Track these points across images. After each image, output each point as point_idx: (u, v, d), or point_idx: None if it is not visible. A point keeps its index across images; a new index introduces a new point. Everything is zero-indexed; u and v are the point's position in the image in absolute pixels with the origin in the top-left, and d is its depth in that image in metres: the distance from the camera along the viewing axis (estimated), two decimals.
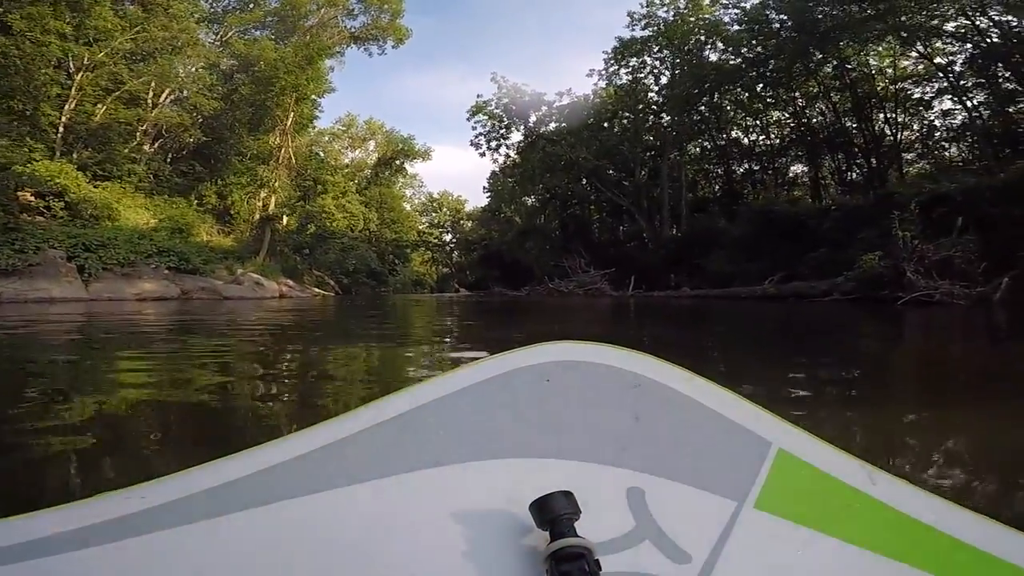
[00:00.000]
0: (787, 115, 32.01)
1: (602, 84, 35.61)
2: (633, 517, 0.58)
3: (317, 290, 28.95)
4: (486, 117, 38.11)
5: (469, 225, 58.13)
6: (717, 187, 36.81)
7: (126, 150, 26.47)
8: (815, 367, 3.98)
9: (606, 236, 39.46)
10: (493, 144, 38.62)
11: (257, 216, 28.43)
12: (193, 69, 29.30)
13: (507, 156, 39.67)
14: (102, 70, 25.14)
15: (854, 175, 29.94)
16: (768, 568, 0.56)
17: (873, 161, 27.88)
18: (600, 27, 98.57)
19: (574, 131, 35.85)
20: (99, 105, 25.49)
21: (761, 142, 33.90)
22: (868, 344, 6.12)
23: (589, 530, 0.52)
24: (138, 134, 27.53)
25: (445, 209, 61.90)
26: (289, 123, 28.19)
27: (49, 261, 16.69)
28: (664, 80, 33.49)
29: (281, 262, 27.34)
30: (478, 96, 38.14)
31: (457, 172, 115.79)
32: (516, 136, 38.75)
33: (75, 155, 24.21)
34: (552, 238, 37.06)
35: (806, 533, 0.58)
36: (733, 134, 34.81)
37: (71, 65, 24.46)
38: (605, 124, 36.64)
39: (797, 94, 30.10)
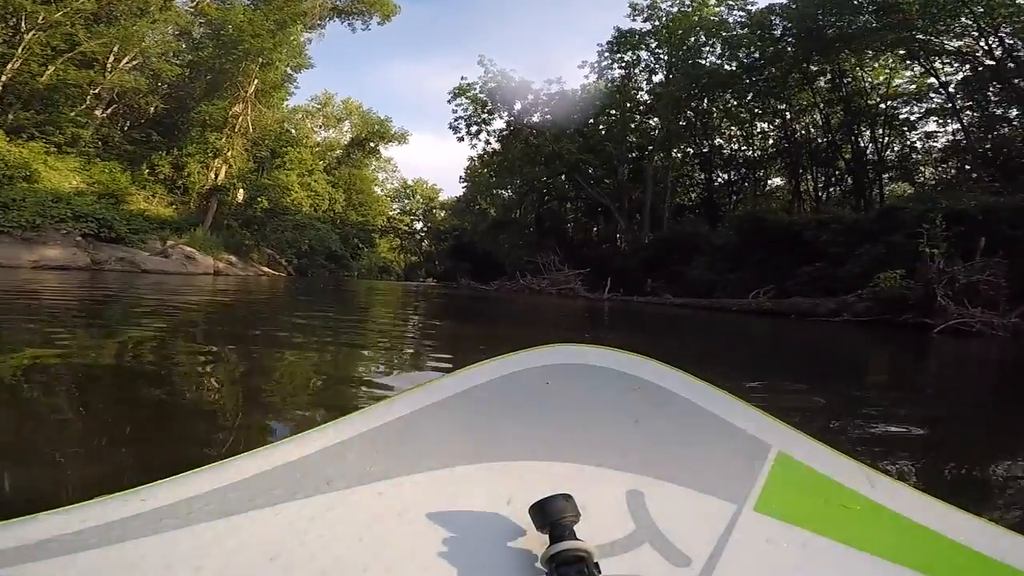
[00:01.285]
0: (772, 126, 30.45)
1: (593, 78, 33.26)
2: (633, 520, 0.57)
3: (266, 269, 26.00)
4: (468, 101, 35.34)
5: (442, 215, 55.34)
6: (694, 194, 35.03)
7: (72, 113, 23.43)
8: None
9: (580, 235, 37.41)
10: (473, 129, 35.83)
11: (206, 187, 25.24)
12: (160, 35, 26.05)
13: (487, 143, 36.93)
14: (56, 30, 22.19)
15: (834, 191, 28.53)
16: (768, 571, 0.54)
17: (850, 179, 26.55)
18: (596, 30, 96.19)
19: (559, 123, 33.53)
20: (48, 66, 22.52)
21: (742, 152, 32.29)
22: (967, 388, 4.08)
23: (589, 533, 0.51)
24: (89, 98, 24.45)
25: (418, 196, 58.86)
26: (251, 90, 25.06)
27: None
28: (657, 79, 31.33)
29: (226, 237, 24.28)
30: (462, 78, 35.19)
31: (435, 163, 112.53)
32: (499, 123, 36.10)
33: (10, 116, 21.35)
34: (526, 233, 34.70)
35: (806, 536, 0.57)
36: (716, 142, 33.06)
37: (22, 24, 21.51)
38: (591, 120, 34.37)
39: (785, 106, 28.47)
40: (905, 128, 25.60)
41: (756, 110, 29.71)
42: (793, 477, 0.63)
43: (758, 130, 31.22)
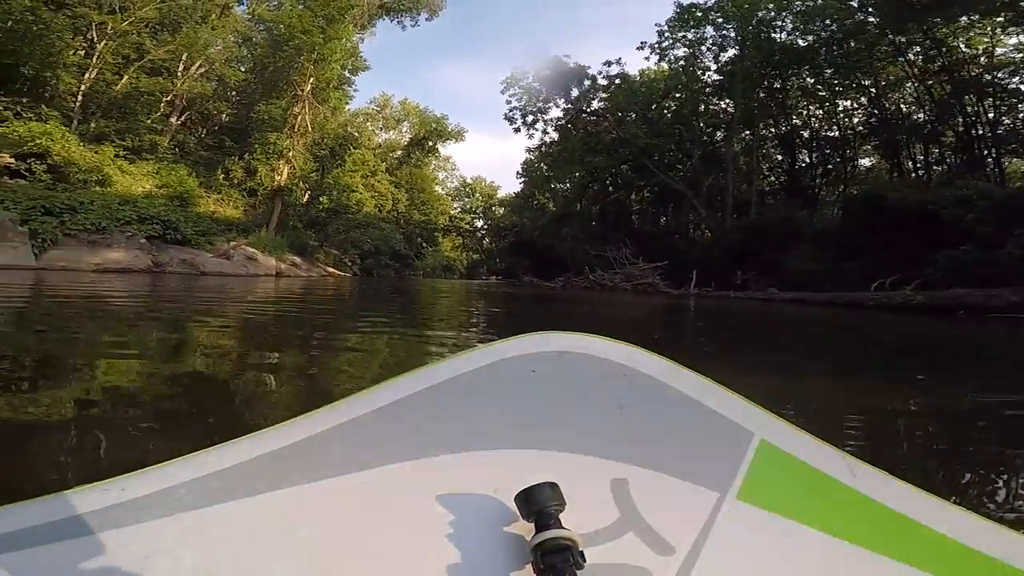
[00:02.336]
0: (856, 105, 26.87)
1: (654, 59, 30.49)
2: (617, 508, 0.57)
3: (331, 270, 25.02)
4: (522, 90, 33.34)
5: (501, 211, 53.62)
6: (773, 177, 31.59)
7: (148, 121, 23.37)
8: None
9: (648, 226, 34.73)
10: (529, 119, 33.77)
11: (271, 188, 24.50)
12: (222, 41, 25.81)
13: (544, 133, 34.77)
14: (125, 39, 22.15)
15: (941, 169, 24.65)
16: (750, 559, 0.54)
17: (956, 156, 22.72)
18: (642, 20, 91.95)
19: (621, 108, 31.01)
20: (121, 75, 22.57)
21: (824, 132, 28.75)
22: None
23: (574, 521, 0.51)
24: (163, 105, 24.43)
25: (478, 194, 57.52)
26: (307, 89, 24.10)
27: None
28: (726, 56, 28.23)
29: (291, 238, 23.41)
30: (514, 67, 33.25)
31: (492, 160, 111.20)
32: (555, 112, 33.90)
33: (92, 124, 21.36)
34: (589, 226, 32.35)
35: (787, 524, 0.56)
36: (794, 122, 29.62)
37: (94, 34, 21.46)
38: (655, 104, 31.62)
39: (870, 81, 24.92)
40: (1015, 100, 21.72)
41: (837, 87, 26.50)
42: (775, 465, 0.62)
43: (840, 108, 27.72)
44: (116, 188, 18.57)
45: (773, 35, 25.99)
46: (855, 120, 27.61)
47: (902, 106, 25.24)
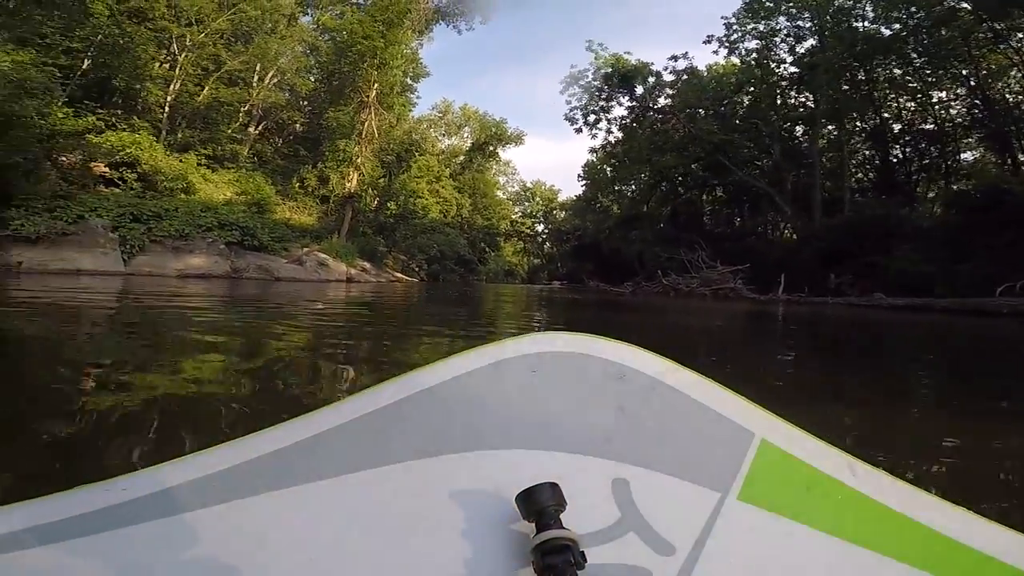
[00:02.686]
0: (954, 95, 24.20)
1: (723, 53, 28.85)
2: (618, 508, 0.56)
3: (400, 275, 25.03)
4: (582, 89, 32.34)
5: (562, 215, 52.72)
6: (861, 174, 29.07)
7: (229, 131, 24.46)
8: None
9: (722, 227, 32.91)
10: (591, 118, 32.71)
11: (340, 194, 24.83)
12: (291, 51, 26.58)
13: (608, 132, 33.62)
14: (203, 51, 23.15)
15: None
16: (751, 560, 0.54)
17: None
18: (700, 19, 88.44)
19: (691, 104, 29.49)
20: (202, 86, 23.62)
21: (919, 125, 26.17)
22: None
23: (575, 521, 0.51)
24: (241, 115, 25.40)
25: (538, 198, 56.89)
26: (372, 95, 24.28)
27: (88, 231, 13.54)
28: (803, 47, 26.28)
29: (361, 244, 23.58)
30: (572, 66, 32.24)
31: (551, 165, 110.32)
32: (619, 111, 32.72)
33: (179, 135, 22.44)
34: (657, 228, 30.95)
35: (788, 524, 0.56)
36: (883, 115, 27.14)
37: (175, 47, 22.48)
38: (725, 101, 29.90)
39: (966, 71, 22.43)
40: None
41: (930, 78, 24.21)
42: (777, 465, 0.61)
43: (935, 99, 25.15)
44: (199, 196, 19.28)
45: (854, 24, 23.96)
46: (952, 111, 25.05)
47: (1008, 96, 22.54)
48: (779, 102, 28.15)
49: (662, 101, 31.51)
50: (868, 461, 0.62)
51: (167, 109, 22.26)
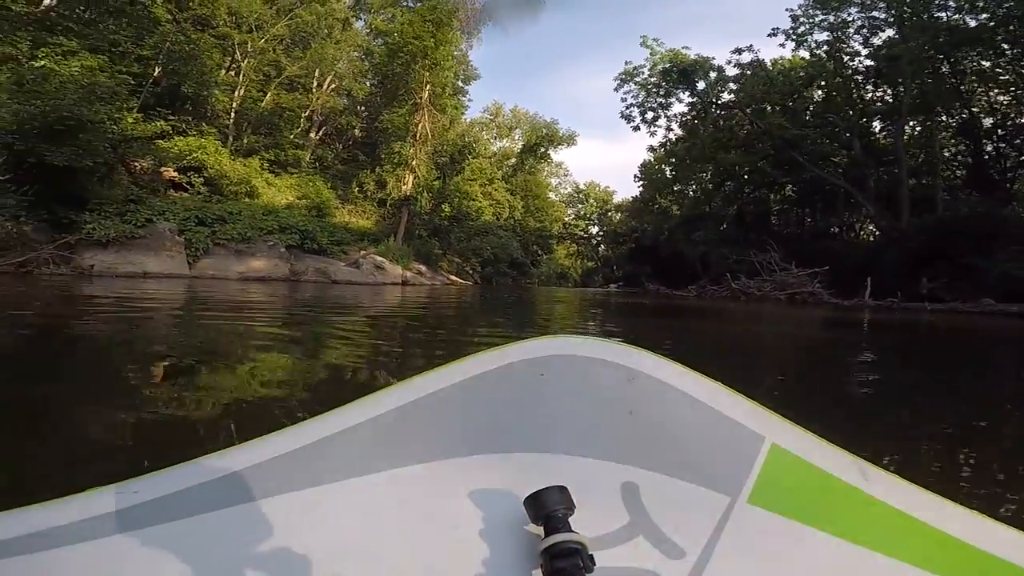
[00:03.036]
0: None
1: (789, 46, 26.94)
2: (627, 512, 0.56)
3: (454, 278, 24.65)
4: (637, 86, 30.93)
5: (618, 217, 51.22)
6: (949, 171, 26.44)
7: (291, 136, 24.89)
8: None
9: (791, 228, 30.89)
10: (649, 115, 31.29)
11: (396, 196, 24.69)
12: (346, 56, 26.84)
13: (668, 129, 32.14)
14: (264, 57, 23.72)
15: None
16: (761, 563, 0.53)
17: None
18: (756, 16, 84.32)
19: (758, 99, 27.73)
20: (264, 92, 24.23)
21: (1014, 119, 23.59)
22: None
23: (584, 525, 0.51)
24: (302, 120, 25.83)
25: (592, 200, 55.62)
26: (425, 96, 24.01)
27: (156, 234, 13.70)
28: (880, 39, 24.13)
29: (417, 246, 23.32)
30: (626, 62, 30.90)
31: (605, 166, 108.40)
32: (678, 107, 31.19)
33: (244, 140, 22.92)
34: (725, 229, 29.26)
35: (799, 528, 0.56)
36: (972, 109, 24.58)
37: (238, 53, 23.07)
38: (795, 96, 27.97)
39: None
40: None
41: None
42: (787, 469, 0.61)
43: None
44: (262, 199, 19.49)
45: (935, 15, 21.79)
46: None
47: None
48: (855, 96, 26.04)
49: (725, 97, 29.83)
50: (879, 465, 0.60)
51: (233, 115, 22.80)
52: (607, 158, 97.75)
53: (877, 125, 25.85)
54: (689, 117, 31.96)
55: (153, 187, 16.62)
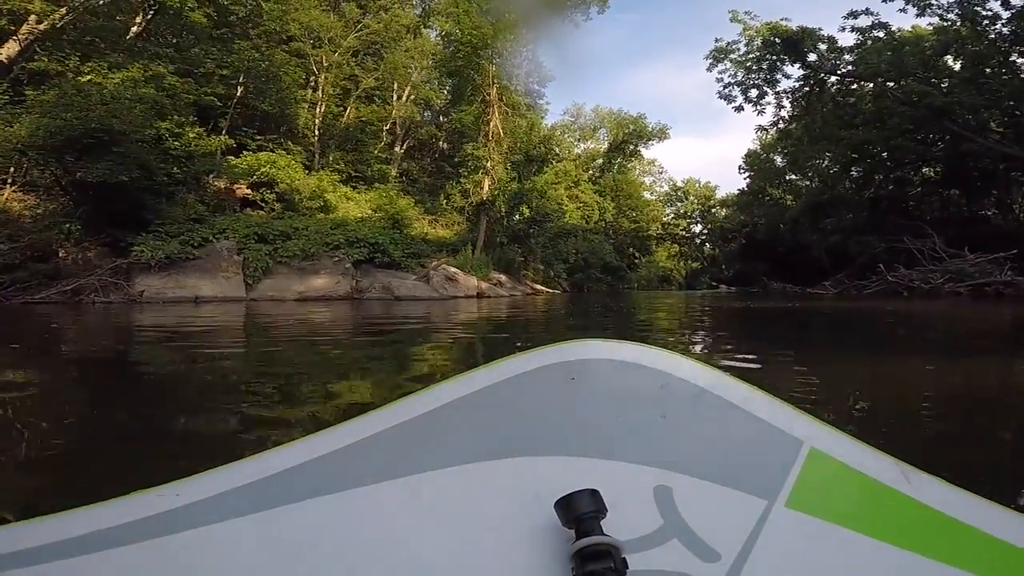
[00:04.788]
0: None
1: (912, 12, 21.55)
2: (660, 515, 0.55)
3: (540, 287, 22.00)
4: (734, 64, 26.51)
5: (723, 213, 45.74)
6: None
7: (375, 151, 23.91)
8: None
9: (934, 214, 24.83)
10: (752, 93, 26.66)
11: (474, 202, 22.58)
12: (419, 65, 25.49)
13: (778, 107, 27.33)
14: (340, 71, 22.91)
15: None
16: (800, 566, 0.51)
17: None
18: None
19: (884, 69, 22.56)
20: (344, 107, 23.40)
21: None
22: None
23: (615, 528, 0.49)
24: (384, 134, 24.78)
25: (692, 197, 50.42)
26: (493, 92, 21.79)
27: (213, 254, 12.52)
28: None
29: (498, 254, 21.01)
30: (716, 40, 26.59)
31: (701, 162, 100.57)
32: (786, 83, 26.50)
33: (330, 157, 22.18)
34: (857, 217, 24.04)
35: (840, 532, 0.54)
36: None
37: (314, 67, 22.35)
38: (929, 66, 22.52)
39: None
40: None
41: None
42: (826, 473, 0.59)
43: None
44: (338, 214, 18.25)
45: None
46: None
47: None
48: (997, 63, 20.16)
49: (843, 69, 24.71)
50: (925, 470, 0.58)
51: (317, 132, 22.15)
52: (702, 155, 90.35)
53: None
54: (803, 93, 26.96)
55: (224, 205, 15.83)
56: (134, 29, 16.38)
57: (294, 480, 0.55)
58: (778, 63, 26.16)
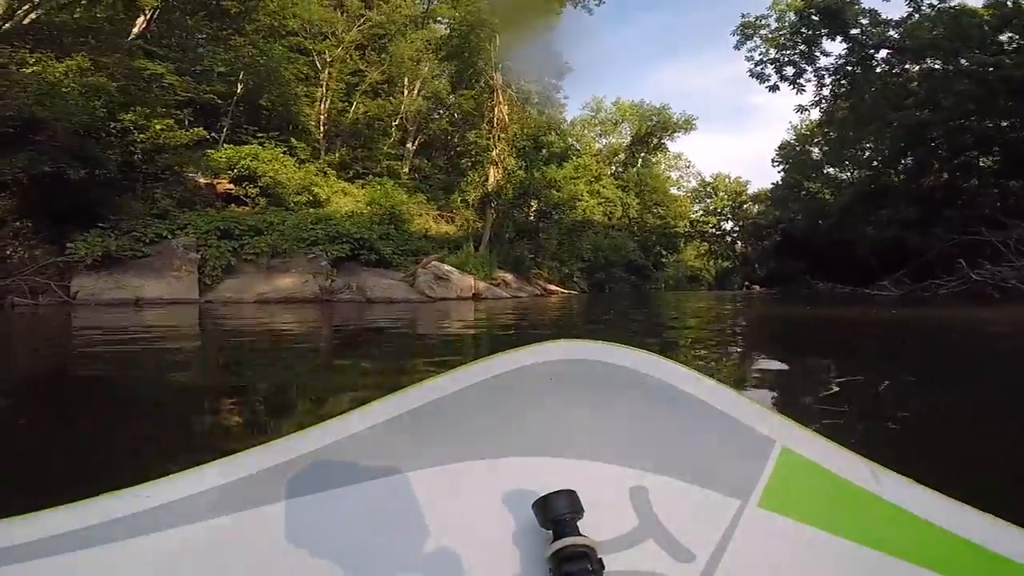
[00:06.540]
0: None
1: None
2: (637, 516, 0.55)
3: (554, 287, 19.66)
4: (765, 41, 23.64)
5: (756, 209, 42.30)
6: None
7: (384, 147, 22.27)
8: None
9: (988, 208, 21.42)
10: (789, 71, 23.71)
11: (480, 194, 20.38)
12: (426, 58, 23.51)
13: (820, 86, 24.31)
14: (344, 65, 21.48)
15: None
16: (772, 566, 0.52)
17: None
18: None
19: (936, 43, 19.64)
20: (349, 102, 22.04)
21: None
22: None
23: (592, 529, 0.49)
24: (393, 130, 23.10)
25: (722, 193, 47.08)
26: (497, 77, 19.68)
27: (168, 252, 10.71)
28: None
29: (506, 251, 18.78)
30: (743, 15, 23.81)
31: (728, 158, 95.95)
32: (824, 61, 23.59)
33: (336, 154, 20.76)
34: (910, 209, 20.88)
35: (810, 532, 0.54)
36: None
37: (317, 62, 20.92)
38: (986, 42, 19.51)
39: None
40: None
41: None
42: (797, 473, 0.58)
43: None
44: (331, 209, 16.43)
45: None
46: None
47: None
48: None
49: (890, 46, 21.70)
50: (893, 469, 0.58)
51: (322, 128, 20.76)
52: (731, 152, 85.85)
53: None
54: (846, 71, 23.84)
55: (203, 201, 14.14)
56: (135, 30, 14.98)
57: (269, 481, 0.53)
58: (816, 37, 23.21)
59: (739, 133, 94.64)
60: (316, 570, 0.47)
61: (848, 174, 31.35)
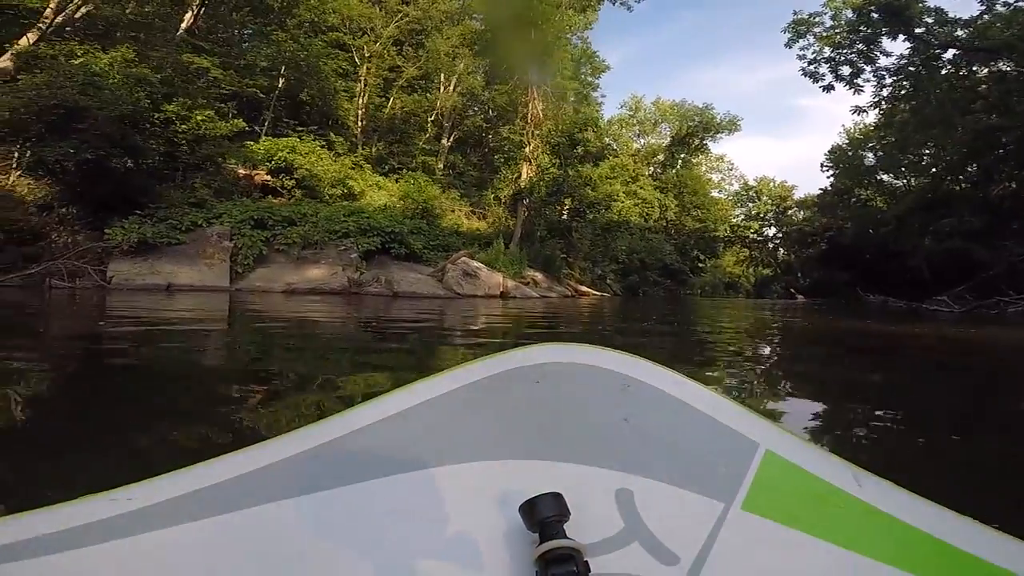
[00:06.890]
0: None
1: None
2: (622, 518, 0.54)
3: (587, 288, 19.18)
4: (819, 40, 22.43)
5: (802, 215, 40.49)
6: None
7: (420, 143, 22.31)
8: None
9: None
10: (844, 71, 22.47)
11: (512, 191, 20.02)
12: (462, 55, 23.31)
13: (880, 87, 22.98)
14: (382, 61, 21.60)
15: None
16: (755, 569, 0.52)
17: None
18: None
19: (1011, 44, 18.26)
20: (386, 97, 22.14)
21: None
22: None
23: (579, 531, 0.50)
24: (429, 126, 23.17)
25: (765, 197, 45.30)
26: (532, 72, 19.20)
27: (202, 240, 10.82)
28: None
29: (537, 250, 18.36)
30: (795, 12, 22.65)
31: (774, 163, 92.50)
32: (884, 61, 22.30)
33: (373, 148, 20.90)
34: (972, 220, 19.43)
35: (792, 534, 0.54)
36: None
37: (355, 58, 21.12)
38: None
39: None
40: None
41: None
42: (781, 475, 0.59)
43: None
44: (364, 201, 16.46)
45: None
46: None
47: None
48: None
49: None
50: (874, 472, 0.58)
51: (360, 123, 20.94)
52: (774, 157, 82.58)
53: None
54: (909, 72, 22.38)
55: (242, 191, 14.35)
56: (183, 25, 15.35)
57: (253, 485, 0.53)
58: (876, 36, 21.87)
59: (782, 137, 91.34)
60: (301, 571, 0.47)
61: (903, 181, 29.62)
